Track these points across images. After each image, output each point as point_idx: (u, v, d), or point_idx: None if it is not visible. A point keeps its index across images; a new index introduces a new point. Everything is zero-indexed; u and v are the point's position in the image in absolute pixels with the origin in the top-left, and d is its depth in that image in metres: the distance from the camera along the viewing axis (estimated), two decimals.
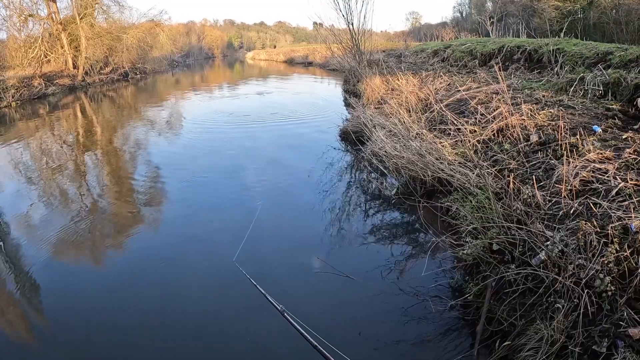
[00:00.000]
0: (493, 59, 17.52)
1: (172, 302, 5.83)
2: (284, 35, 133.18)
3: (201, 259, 6.98)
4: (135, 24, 44.38)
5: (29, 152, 15.38)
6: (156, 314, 5.61)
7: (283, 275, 6.42)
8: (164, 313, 5.61)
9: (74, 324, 5.40)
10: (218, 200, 9.46)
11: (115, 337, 5.15)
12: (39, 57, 35.91)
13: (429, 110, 11.41)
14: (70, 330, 5.30)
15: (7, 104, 26.32)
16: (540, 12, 30.30)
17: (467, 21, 53.88)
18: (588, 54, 11.78)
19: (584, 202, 5.35)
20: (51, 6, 37.44)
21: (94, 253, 7.49)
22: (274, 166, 11.82)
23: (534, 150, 7.57)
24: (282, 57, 75.52)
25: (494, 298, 4.87)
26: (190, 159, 12.96)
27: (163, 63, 55.91)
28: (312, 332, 4.42)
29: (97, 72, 39.81)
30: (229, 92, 33.95)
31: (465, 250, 5.62)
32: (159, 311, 5.65)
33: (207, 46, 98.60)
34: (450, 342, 4.82)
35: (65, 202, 9.88)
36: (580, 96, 9.79)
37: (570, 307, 4.07)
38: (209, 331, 5.20)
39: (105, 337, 5.15)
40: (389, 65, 20.87)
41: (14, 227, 8.56)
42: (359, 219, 8.22)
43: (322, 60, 51.02)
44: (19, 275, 6.68)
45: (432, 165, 8.07)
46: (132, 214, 9.08)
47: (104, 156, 14.13)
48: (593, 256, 4.33)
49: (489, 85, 12.14)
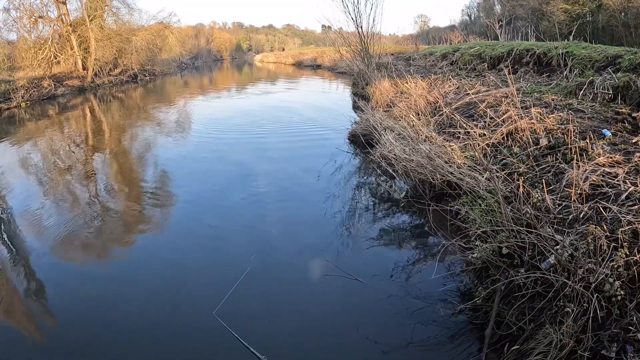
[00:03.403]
0: (502, 62, 17.48)
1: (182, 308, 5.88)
2: (292, 38, 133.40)
3: (211, 258, 7.07)
4: (144, 26, 44.68)
5: (38, 152, 15.51)
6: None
7: (291, 280, 6.47)
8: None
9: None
10: (228, 204, 9.54)
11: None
12: (49, 58, 36.23)
13: (438, 114, 11.42)
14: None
15: (16, 104, 26.56)
16: (549, 15, 30.26)
17: (476, 24, 53.95)
18: (597, 57, 11.75)
19: (594, 206, 5.34)
20: (61, 8, 37.78)
21: (95, 255, 7.61)
22: (282, 168, 11.87)
23: (543, 154, 7.56)
24: (291, 59, 75.53)
25: (503, 302, 4.87)
26: (199, 160, 13.08)
27: (172, 65, 56.17)
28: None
29: (107, 74, 40.09)
30: (237, 94, 34.07)
31: (474, 254, 5.61)
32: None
33: (215, 49, 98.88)
34: (459, 345, 4.82)
35: (69, 203, 9.99)
36: (589, 100, 9.78)
37: (580, 312, 4.06)
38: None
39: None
40: (398, 69, 20.89)
41: (22, 225, 8.68)
42: (368, 222, 8.23)
43: (331, 63, 51.08)
44: (25, 272, 6.83)
45: (441, 169, 8.06)
46: (141, 214, 9.17)
47: (111, 157, 14.21)
48: (603, 260, 4.32)
49: (498, 88, 12.13)
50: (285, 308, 5.74)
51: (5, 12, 35.68)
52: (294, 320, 5.50)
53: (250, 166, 12.10)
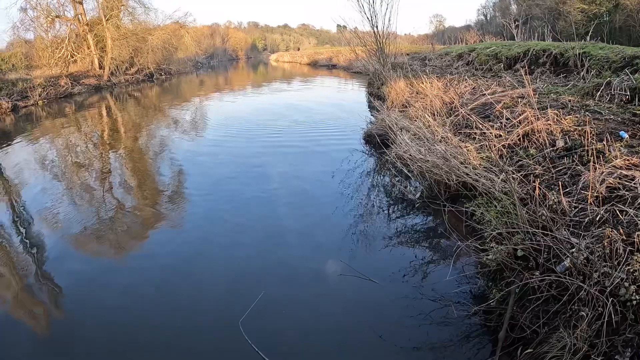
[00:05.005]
0: (518, 62, 17.40)
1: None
2: (307, 38, 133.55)
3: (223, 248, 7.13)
4: (160, 25, 45.09)
5: (54, 149, 15.74)
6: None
7: (304, 278, 6.52)
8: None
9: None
10: (242, 202, 9.58)
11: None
12: (66, 57, 36.69)
13: (454, 114, 11.37)
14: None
15: (33, 102, 27.04)
16: (566, 15, 30.03)
17: (492, 24, 53.66)
18: (614, 58, 11.65)
19: (610, 209, 5.30)
20: (78, 8, 38.21)
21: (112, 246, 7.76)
22: (297, 167, 11.93)
23: (560, 155, 7.50)
24: (306, 59, 75.53)
25: (517, 305, 4.84)
26: (215, 158, 13.22)
27: (187, 64, 56.63)
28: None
29: (123, 73, 40.51)
30: (253, 93, 34.23)
31: (489, 256, 5.59)
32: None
33: (231, 48, 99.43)
34: (472, 348, 4.82)
35: (85, 199, 10.18)
36: (606, 101, 9.69)
37: (594, 316, 4.04)
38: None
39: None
40: (413, 69, 20.84)
41: (39, 220, 8.87)
42: (383, 222, 8.23)
43: (346, 63, 50.99)
44: (41, 266, 7.00)
45: (456, 169, 8.03)
46: (156, 211, 9.25)
47: (127, 154, 14.34)
48: (618, 264, 4.28)
49: (515, 89, 12.05)
50: (299, 306, 5.77)
51: (23, 12, 36.39)
52: (307, 318, 5.54)
53: (265, 165, 12.15)
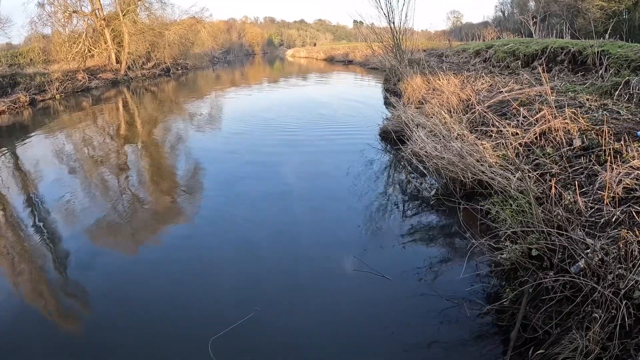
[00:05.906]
0: (536, 60, 17.20)
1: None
2: (324, 34, 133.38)
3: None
4: (176, 20, 45.39)
5: (72, 142, 15.94)
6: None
7: (317, 273, 6.55)
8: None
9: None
10: (257, 196, 9.61)
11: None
12: (83, 52, 37.08)
13: (471, 111, 11.30)
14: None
15: (51, 96, 27.42)
16: (585, 12, 29.69)
17: (510, 21, 53.14)
18: (634, 56, 11.48)
19: (627, 210, 5.24)
20: (95, 3, 38.60)
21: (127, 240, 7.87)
22: (312, 162, 11.97)
23: (576, 155, 7.42)
24: (322, 55, 75.50)
25: (530, 305, 4.81)
26: (230, 152, 13.35)
27: (204, 59, 56.95)
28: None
29: (140, 67, 40.83)
30: (269, 88, 34.32)
31: (503, 255, 5.57)
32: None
33: (247, 43, 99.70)
34: (483, 347, 4.80)
35: (101, 192, 10.35)
36: (625, 100, 9.56)
37: (607, 318, 4.00)
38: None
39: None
40: (430, 65, 20.71)
41: (55, 212, 9.01)
42: (397, 219, 8.23)
43: (362, 59, 50.85)
44: (57, 258, 7.14)
45: (472, 167, 7.99)
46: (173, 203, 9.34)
47: (144, 148, 14.47)
48: (633, 266, 4.24)
49: (532, 87, 11.95)
50: (311, 301, 5.81)
51: (40, 7, 36.89)
52: (320, 313, 5.56)
53: (281, 160, 12.22)
